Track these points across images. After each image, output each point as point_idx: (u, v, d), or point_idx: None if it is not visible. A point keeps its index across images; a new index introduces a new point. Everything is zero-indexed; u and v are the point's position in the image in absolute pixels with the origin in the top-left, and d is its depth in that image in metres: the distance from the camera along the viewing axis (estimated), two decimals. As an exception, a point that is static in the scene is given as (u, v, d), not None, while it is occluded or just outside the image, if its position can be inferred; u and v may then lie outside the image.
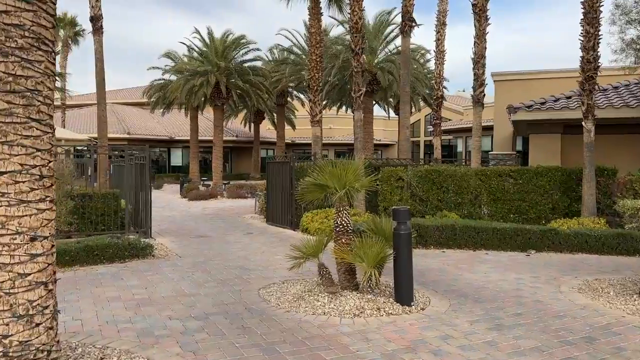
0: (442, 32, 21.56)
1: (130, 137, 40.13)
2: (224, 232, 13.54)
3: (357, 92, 14.02)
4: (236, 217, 17.06)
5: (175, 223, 15.57)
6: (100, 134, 17.06)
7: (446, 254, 10.23)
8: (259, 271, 8.43)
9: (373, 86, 27.82)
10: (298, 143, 49.03)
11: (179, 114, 42.45)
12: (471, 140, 38.62)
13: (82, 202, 11.80)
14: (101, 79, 16.88)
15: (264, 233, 13.23)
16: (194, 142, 37.06)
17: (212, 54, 29.52)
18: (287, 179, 13.84)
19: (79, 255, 8.51)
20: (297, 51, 33.09)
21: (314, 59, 16.72)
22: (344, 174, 6.51)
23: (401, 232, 6.25)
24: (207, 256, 9.82)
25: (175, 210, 19.83)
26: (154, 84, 37.63)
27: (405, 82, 17.24)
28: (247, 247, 11.01)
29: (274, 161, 14.94)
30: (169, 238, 12.34)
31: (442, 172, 13.20)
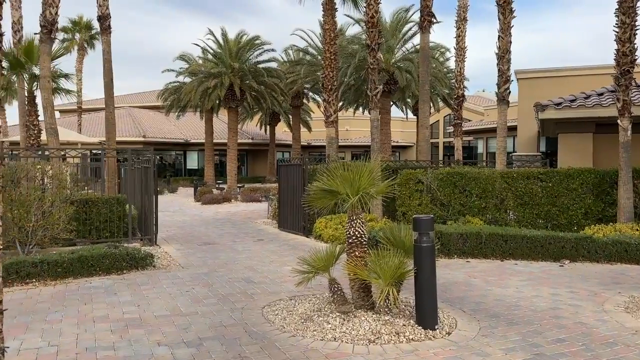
0: (462, 28, 20.66)
1: (146, 140, 39.86)
2: (233, 238, 12.86)
3: (373, 91, 13.25)
4: (248, 222, 16.39)
5: (185, 228, 14.96)
6: (108, 137, 16.56)
7: (471, 264, 9.38)
8: (266, 284, 7.70)
9: (390, 86, 26.96)
10: (314, 145, 48.31)
11: (194, 116, 42.15)
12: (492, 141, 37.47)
13: (85, 207, 11.23)
14: (109, 80, 16.38)
15: (275, 240, 12.51)
16: (208, 145, 36.61)
17: (226, 55, 28.99)
18: (299, 183, 13.11)
19: (73, 266, 7.89)
20: (312, 51, 32.41)
21: (328, 56, 15.99)
22: (358, 178, 5.75)
23: (423, 245, 5.46)
24: (212, 267, 9.13)
25: (186, 215, 19.26)
26: (169, 87, 37.32)
27: (425, 80, 16.40)
28: (255, 255, 10.30)
29: (286, 164, 14.23)
30: (175, 245, 11.71)
31: (465, 175, 12.34)
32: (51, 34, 12.70)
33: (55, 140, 12.78)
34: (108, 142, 16.63)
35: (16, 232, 9.60)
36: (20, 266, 7.41)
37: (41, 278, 7.60)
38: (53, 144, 12.68)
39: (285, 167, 14.22)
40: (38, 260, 7.61)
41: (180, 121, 46.13)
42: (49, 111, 12.75)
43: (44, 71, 12.74)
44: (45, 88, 12.73)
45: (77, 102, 41.43)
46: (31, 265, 7.51)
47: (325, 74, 16.04)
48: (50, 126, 12.80)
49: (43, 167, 10.08)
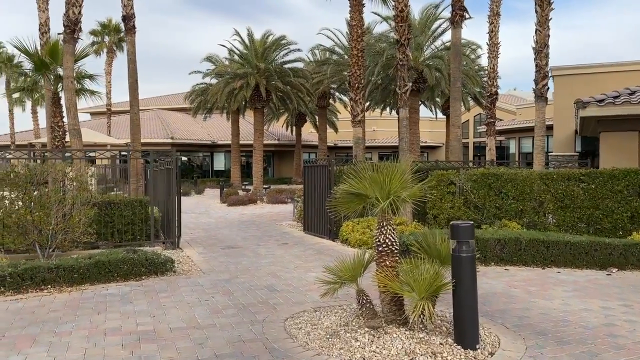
0: (495, 22, 19.85)
1: (174, 141, 40.04)
2: (257, 241, 12.46)
3: (402, 88, 12.68)
4: (272, 225, 15.99)
5: (209, 231, 14.65)
6: (133, 138, 16.40)
7: (510, 272, 8.73)
8: (289, 293, 7.24)
9: (419, 84, 26.26)
10: (341, 146, 47.81)
11: (221, 118, 42.16)
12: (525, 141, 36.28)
13: (107, 210, 11.00)
14: (134, 81, 16.23)
15: (300, 244, 12.06)
16: (235, 146, 36.50)
17: (252, 56, 28.76)
18: (325, 184, 12.63)
19: (90, 272, 7.58)
20: (339, 51, 31.93)
21: (355, 54, 15.46)
22: (388, 180, 5.23)
23: (463, 255, 4.90)
24: (233, 272, 8.72)
25: (212, 217, 19.00)
26: (196, 88, 37.37)
27: (456, 77, 15.72)
28: (279, 260, 9.86)
29: (311, 165, 13.77)
30: (198, 249, 11.37)
31: (500, 176, 11.66)
32: (74, 34, 12.56)
33: (78, 142, 12.63)
34: (133, 144, 16.48)
35: (36, 235, 9.39)
36: (35, 272, 7.14)
37: (57, 284, 7.32)
38: (76, 145, 12.52)
39: (310, 168, 13.77)
40: (54, 266, 7.33)
41: (207, 123, 46.24)
42: (72, 112, 12.60)
43: (67, 71, 12.60)
44: (69, 89, 12.58)
45: (106, 104, 42.00)
46: (46, 270, 7.24)
47: (351, 72, 15.53)
48: (73, 127, 12.65)
49: (63, 169, 9.86)
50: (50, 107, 14.88)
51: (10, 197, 9.43)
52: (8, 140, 43.50)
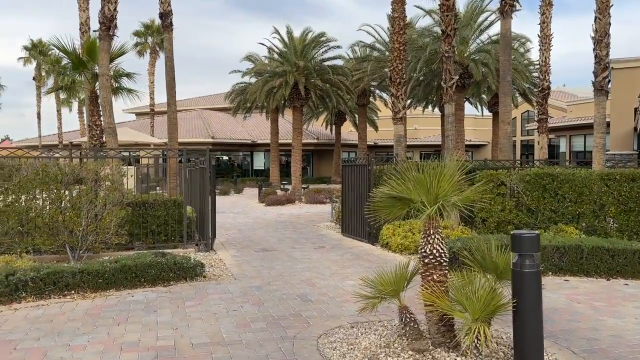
0: (547, 13, 18.62)
1: (215, 141, 40.26)
2: (293, 244, 11.93)
3: (448, 82, 11.87)
4: (309, 226, 15.44)
5: (244, 232, 14.24)
6: (170, 137, 16.20)
7: (571, 284, 7.84)
8: (324, 304, 6.64)
9: (464, 80, 25.17)
10: (381, 145, 46.87)
11: (261, 117, 42.07)
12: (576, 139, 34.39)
13: (141, 210, 10.71)
14: (171, 79, 16.01)
15: (338, 247, 11.44)
16: (274, 145, 36.23)
17: (291, 54, 28.33)
18: (364, 185, 11.97)
19: (115, 277, 7.21)
20: (379, 47, 31.15)
21: (397, 47, 14.69)
22: (436, 182, 4.54)
23: (526, 271, 4.17)
24: (266, 278, 8.19)
25: (249, 217, 18.65)
26: (236, 88, 37.34)
27: (506, 71, 14.72)
28: (314, 266, 9.27)
29: (349, 164, 13.12)
30: (231, 251, 10.94)
31: (556, 176, 10.70)
32: (109, 31, 12.38)
33: (113, 141, 12.44)
34: (170, 143, 16.27)
35: (66, 236, 9.17)
36: (58, 276, 6.81)
37: (81, 289, 6.98)
38: (111, 144, 12.34)
39: (349, 167, 13.13)
40: (78, 270, 6.99)
41: (247, 122, 46.30)
42: (107, 110, 12.43)
43: (102, 69, 12.44)
44: (104, 87, 12.41)
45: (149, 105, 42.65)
46: (70, 275, 6.90)
47: (393, 67, 14.79)
48: (109, 126, 12.48)
49: (94, 169, 9.60)
50: (89, 105, 14.83)
51: (42, 196, 9.25)
52: (56, 140, 44.86)
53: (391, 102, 14.88)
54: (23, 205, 8.99)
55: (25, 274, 6.59)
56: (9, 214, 8.80)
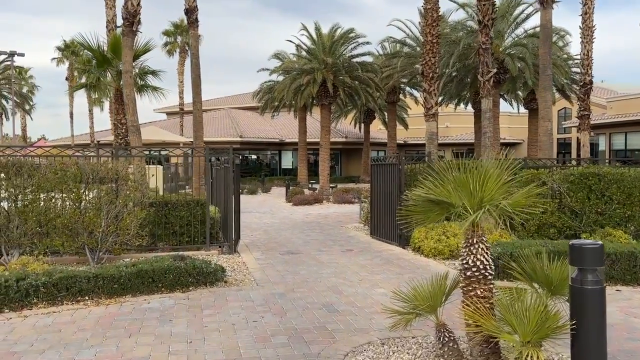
0: (589, 3, 17.59)
1: (243, 140, 40.17)
2: (319, 247, 11.43)
3: (485, 75, 11.16)
4: (337, 227, 14.92)
5: (270, 233, 13.83)
6: (195, 135, 15.92)
7: (624, 294, 7.11)
8: (352, 315, 6.11)
9: (499, 75, 24.18)
10: (411, 144, 45.97)
11: (289, 116, 41.78)
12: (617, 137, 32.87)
13: (164, 210, 10.39)
14: (196, 76, 15.73)
15: (366, 250, 10.89)
16: (302, 144, 35.86)
17: (319, 51, 27.86)
18: (394, 185, 11.37)
19: (131, 282, 6.83)
20: (410, 42, 30.36)
21: (430, 40, 13.99)
22: (481, 183, 3.96)
23: (588, 288, 3.55)
24: (290, 284, 7.71)
25: (275, 217, 18.25)
26: (263, 86, 37.11)
27: (546, 64, 13.88)
28: (342, 271, 8.74)
29: (379, 163, 12.53)
30: (255, 253, 10.51)
31: (603, 176, 9.91)
32: (132, 27, 12.11)
33: (137, 139, 12.19)
34: (196, 141, 16.00)
35: (86, 237, 8.89)
36: (71, 282, 6.47)
37: (95, 295, 6.63)
38: (135, 143, 12.09)
39: (378, 166, 12.54)
40: (92, 275, 6.65)
41: (275, 121, 46.07)
42: (130, 108, 12.17)
43: (125, 66, 12.19)
44: (127, 84, 12.17)
45: (179, 104, 42.86)
46: (84, 280, 6.56)
47: (425, 61, 14.12)
48: (132, 124, 12.23)
49: (115, 168, 9.30)
50: (114, 104, 14.66)
51: (61, 197, 9.00)
52: (88, 139, 45.56)
53: (423, 98, 14.21)
54: (42, 205, 8.76)
55: (37, 279, 6.28)
56: (28, 214, 8.58)
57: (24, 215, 8.61)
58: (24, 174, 8.71)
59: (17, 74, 47.83)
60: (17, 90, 44.63)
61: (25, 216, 8.61)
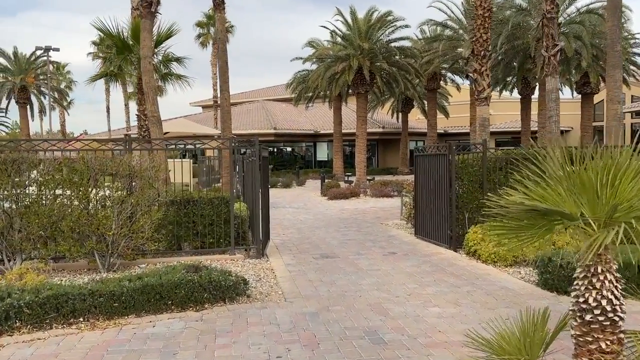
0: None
1: (277, 132, 39.24)
2: (358, 248, 10.14)
3: (551, 49, 9.59)
4: (376, 224, 13.59)
5: (303, 231, 12.63)
6: (223, 126, 14.85)
7: None
8: (402, 349, 4.80)
9: (551, 57, 22.19)
10: (451, 133, 43.89)
11: (324, 106, 40.52)
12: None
13: (186, 209, 9.32)
14: (224, 63, 14.63)
15: (411, 254, 9.53)
16: (337, 135, 34.54)
17: (355, 36, 26.35)
18: (444, 178, 9.96)
19: (135, 300, 5.72)
20: (452, 25, 28.46)
21: (481, 14, 12.34)
22: (611, 182, 2.58)
23: None
24: (324, 300, 6.47)
25: (309, 212, 17.07)
26: (297, 76, 35.93)
27: (615, 39, 12.07)
28: (385, 281, 7.44)
29: (424, 153, 11.10)
30: (286, 257, 9.33)
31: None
32: (151, 8, 11.07)
33: (158, 131, 11.17)
34: (224, 132, 14.92)
35: (94, 242, 7.90)
36: (62, 300, 5.40)
37: (92, 315, 5.55)
38: (156, 135, 11.08)
39: (423, 157, 11.11)
40: (88, 292, 5.57)
41: (310, 112, 44.91)
42: (150, 97, 11.16)
43: (144, 51, 11.16)
44: (146, 70, 11.14)
45: (212, 97, 42.21)
46: (79, 298, 5.49)
47: (476, 38, 12.53)
48: (152, 114, 11.21)
49: (128, 162, 8.26)
50: (137, 94, 13.71)
51: (70, 195, 8.02)
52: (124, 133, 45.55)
53: (474, 79, 12.65)
54: (45, 206, 7.80)
55: (20, 298, 5.23)
56: (29, 216, 7.63)
57: (25, 217, 7.68)
58: (24, 171, 7.78)
59: (54, 70, 48.19)
60: (54, 85, 44.92)
61: (27, 218, 7.67)
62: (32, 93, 40.51)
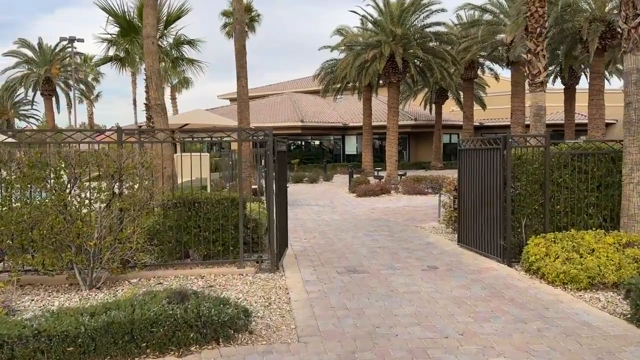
0: None
1: (304, 125, 37.81)
2: (391, 260, 8.55)
3: (631, 20, 7.73)
4: (411, 228, 11.97)
5: (327, 235, 11.12)
6: (240, 116, 13.42)
7: None
8: None
9: (605, 41, 19.99)
10: (488, 126, 41.57)
11: (352, 98, 38.83)
12: None
13: (191, 211, 7.92)
14: (241, 46, 13.16)
15: (457, 268, 7.89)
16: (366, 127, 32.85)
17: (387, 21, 24.56)
18: (495, 176, 8.26)
19: (97, 342, 4.31)
20: (492, 9, 26.36)
21: (538, -16, 10.51)
22: None
23: None
24: (348, 343, 4.92)
25: (336, 212, 15.54)
26: (325, 65, 34.34)
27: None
28: (427, 310, 5.84)
29: (471, 147, 9.36)
30: (305, 271, 7.82)
31: None
32: (154, -20, 9.67)
33: (162, 121, 9.79)
34: (241, 123, 13.50)
35: (73, 253, 6.55)
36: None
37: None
38: (160, 125, 9.71)
39: (468, 152, 9.40)
40: (32, 333, 4.17)
41: (339, 104, 43.30)
42: (153, 82, 9.77)
43: (147, 29, 9.77)
44: (149, 52, 9.76)
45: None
46: (17, 342, 4.10)
47: (530, 12, 10.69)
48: (156, 102, 9.83)
49: (116, 157, 6.86)
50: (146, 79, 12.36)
51: (40, 198, 6.70)
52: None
53: (528, 61, 10.82)
54: (12, 210, 6.49)
55: None
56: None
57: (-10, 224, 6.38)
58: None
59: (81, 62, 47.75)
60: (80, 77, 44.47)
61: (-9, 225, 6.37)
62: (57, 85, 40.10)
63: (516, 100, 26.18)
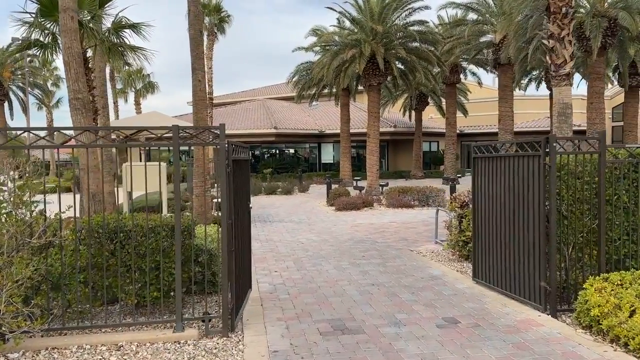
0: None
1: (278, 132, 35.58)
2: (392, 307, 6.28)
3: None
4: (406, 252, 9.77)
5: (303, 266, 8.81)
6: (195, 117, 11.02)
7: None
8: None
9: (607, 38, 18.31)
10: (469, 133, 40.05)
11: (329, 104, 36.76)
12: None
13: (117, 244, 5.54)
14: (196, 32, 10.80)
15: (484, 322, 5.66)
16: (344, 134, 30.73)
17: (367, 18, 22.50)
18: (530, 191, 6.10)
19: None
20: (478, 8, 24.63)
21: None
22: None
23: None
24: None
25: (314, 230, 13.28)
26: (299, 68, 32.14)
27: None
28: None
29: (493, 154, 7.14)
30: (274, 330, 5.47)
31: None
32: None
33: (82, 119, 7.36)
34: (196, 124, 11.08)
35: None
36: None
37: None
38: (80, 123, 7.28)
39: (487, 160, 7.22)
40: None
41: (314, 111, 41.28)
42: (72, 70, 7.36)
43: (64, 1, 7.36)
44: (66, 30, 7.34)
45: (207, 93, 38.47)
46: None
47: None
48: (76, 95, 7.40)
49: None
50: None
51: None
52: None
53: (550, 49, 8.77)
54: None
55: None
56: None
57: None
58: None
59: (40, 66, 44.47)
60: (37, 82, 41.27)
61: None
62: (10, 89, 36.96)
63: (504, 105, 24.47)
